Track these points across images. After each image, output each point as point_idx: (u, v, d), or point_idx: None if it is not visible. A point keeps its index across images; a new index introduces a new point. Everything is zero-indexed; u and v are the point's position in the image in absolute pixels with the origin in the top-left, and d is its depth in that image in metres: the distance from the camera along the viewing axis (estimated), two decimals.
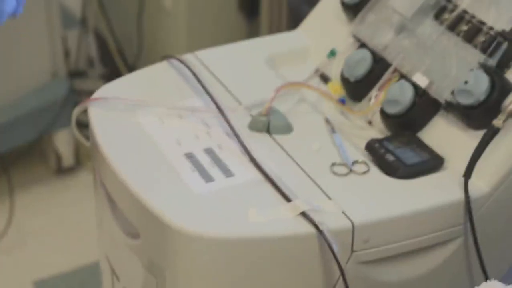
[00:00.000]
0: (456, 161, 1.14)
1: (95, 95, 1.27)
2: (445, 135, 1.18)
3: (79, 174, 2.58)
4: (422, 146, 1.18)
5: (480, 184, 1.12)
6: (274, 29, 2.38)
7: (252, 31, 2.45)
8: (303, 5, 2.27)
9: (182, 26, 2.36)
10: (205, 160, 1.15)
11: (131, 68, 2.48)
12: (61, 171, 2.59)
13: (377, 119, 1.24)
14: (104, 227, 1.29)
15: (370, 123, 1.26)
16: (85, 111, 1.26)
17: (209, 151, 1.17)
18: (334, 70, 1.31)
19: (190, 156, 1.16)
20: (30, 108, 2.47)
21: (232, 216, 1.07)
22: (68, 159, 2.58)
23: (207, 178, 1.12)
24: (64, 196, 2.49)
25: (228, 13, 2.39)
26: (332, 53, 1.33)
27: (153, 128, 1.21)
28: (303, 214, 1.06)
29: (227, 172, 1.13)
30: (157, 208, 1.07)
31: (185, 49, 1.74)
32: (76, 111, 1.26)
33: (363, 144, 1.19)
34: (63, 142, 2.55)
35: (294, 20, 2.29)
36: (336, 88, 1.29)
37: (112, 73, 2.57)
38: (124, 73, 1.85)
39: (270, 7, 2.38)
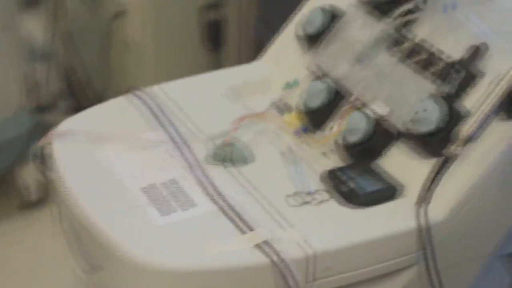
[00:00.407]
0: (415, 189, 1.16)
1: (58, 128, 1.28)
2: (403, 163, 1.20)
3: (45, 209, 2.57)
4: (381, 174, 1.19)
5: (438, 210, 1.13)
6: (241, 60, 2.40)
7: (218, 63, 2.47)
8: (269, 36, 2.30)
9: (148, 58, 2.38)
10: (166, 192, 1.16)
11: (99, 100, 2.48)
12: (27, 205, 2.57)
13: (338, 147, 1.26)
14: (70, 259, 1.29)
15: (330, 151, 1.27)
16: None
17: (170, 183, 1.17)
18: (295, 100, 1.33)
19: (151, 188, 1.16)
20: (0, 139, 2.46)
21: (191, 247, 1.07)
22: (34, 193, 2.57)
23: (168, 209, 1.13)
24: (31, 229, 2.47)
25: (193, 45, 2.41)
26: (293, 83, 1.34)
27: (115, 160, 1.22)
28: (265, 244, 1.06)
29: (188, 203, 1.14)
30: (117, 240, 1.08)
31: (152, 81, 1.75)
32: (38, 145, 1.26)
33: (323, 173, 1.20)
34: (29, 176, 2.54)
35: (259, 49, 2.31)
36: (297, 117, 1.31)
37: (81, 106, 2.57)
38: (93, 106, 1.85)
39: (237, 38, 2.40)
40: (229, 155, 1.22)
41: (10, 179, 2.54)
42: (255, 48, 2.35)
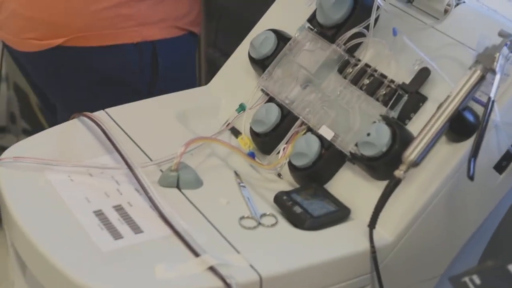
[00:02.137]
0: (362, 212, 1.17)
1: (4, 154, 1.27)
2: (351, 186, 1.21)
3: None
4: (329, 198, 1.20)
5: (385, 233, 1.15)
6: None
7: None
8: (221, 59, 2.30)
9: None
10: (114, 217, 1.15)
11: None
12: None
13: (286, 171, 1.27)
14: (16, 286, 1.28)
15: (279, 175, 1.28)
16: None
17: (118, 208, 1.17)
18: (244, 124, 1.33)
19: (99, 214, 1.16)
20: None
21: (140, 273, 1.07)
22: None
23: (116, 235, 1.12)
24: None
25: None
26: (242, 107, 1.35)
27: (62, 186, 1.21)
28: (212, 269, 1.06)
29: (136, 229, 1.13)
30: (65, 269, 1.07)
31: None
32: None
33: (272, 197, 1.21)
34: None
35: (212, 74, 2.32)
36: (245, 141, 1.31)
37: (34, 129, 2.55)
38: (47, 128, 1.84)
39: None
40: (177, 179, 1.22)
41: None
42: (206, 72, 2.36)
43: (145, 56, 1.61)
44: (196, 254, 1.08)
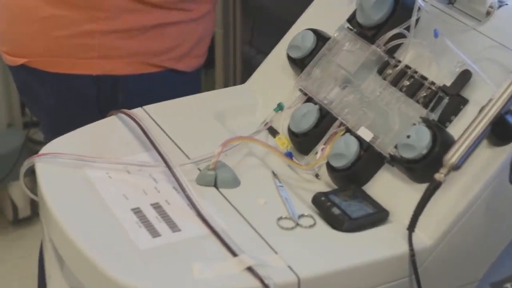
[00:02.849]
0: (401, 214, 1.16)
1: (43, 150, 1.27)
2: (389, 188, 1.20)
3: (35, 224, 2.56)
4: (368, 199, 1.19)
5: (424, 237, 1.14)
6: (229, 81, 2.41)
7: (208, 82, 2.48)
8: (257, 57, 2.30)
9: None
10: (152, 215, 1.15)
11: None
12: (17, 221, 2.57)
13: (324, 172, 1.26)
14: (52, 283, 1.28)
15: (317, 176, 1.27)
16: None
17: (156, 206, 1.17)
18: (282, 124, 1.33)
19: (137, 211, 1.16)
20: None
21: (178, 272, 1.07)
22: (24, 209, 2.57)
23: (154, 233, 1.12)
24: (20, 246, 2.47)
25: None
26: (280, 107, 1.35)
27: (100, 183, 1.21)
28: (249, 269, 1.06)
29: (174, 227, 1.13)
30: (103, 265, 1.07)
31: None
32: (24, 167, 1.25)
33: (309, 198, 1.20)
34: (19, 192, 2.53)
35: (248, 71, 2.32)
36: (283, 141, 1.31)
37: None
38: None
39: (224, 60, 2.41)
40: (214, 178, 1.21)
41: (1, 195, 2.54)
42: (242, 70, 2.36)
43: (103, 89, 1.54)
44: (234, 254, 1.08)
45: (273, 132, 1.34)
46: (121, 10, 1.50)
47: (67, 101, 1.56)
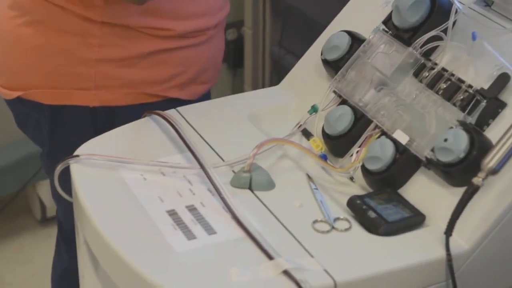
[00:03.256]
0: (438, 218, 1.15)
1: (77, 151, 1.28)
2: (426, 192, 1.19)
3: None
4: (404, 203, 1.18)
5: (461, 241, 1.13)
6: (258, 81, 2.41)
7: (236, 82, 2.48)
8: (286, 58, 2.30)
9: None
10: (187, 218, 1.15)
11: None
12: (45, 220, 2.58)
13: (359, 175, 1.25)
14: (86, 284, 1.29)
15: (352, 179, 1.27)
16: None
17: (191, 208, 1.17)
18: (316, 126, 1.32)
19: (172, 213, 1.16)
20: (14, 158, 2.47)
21: (215, 275, 1.07)
22: (52, 208, 2.58)
23: (189, 236, 1.12)
24: (48, 245, 2.48)
25: None
26: (314, 109, 1.34)
27: (135, 185, 1.22)
28: (286, 273, 1.06)
29: (210, 230, 1.13)
30: (139, 267, 1.07)
31: None
32: (58, 169, 1.26)
33: (345, 201, 1.19)
34: (47, 192, 2.54)
35: (277, 72, 2.32)
36: (317, 144, 1.30)
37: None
38: None
39: (253, 60, 2.40)
40: (249, 181, 1.21)
41: (30, 194, 2.55)
42: (271, 71, 2.36)
43: (100, 120, 1.48)
44: (270, 257, 1.08)
45: (307, 134, 1.33)
46: (117, 37, 1.43)
47: (64, 130, 1.51)
